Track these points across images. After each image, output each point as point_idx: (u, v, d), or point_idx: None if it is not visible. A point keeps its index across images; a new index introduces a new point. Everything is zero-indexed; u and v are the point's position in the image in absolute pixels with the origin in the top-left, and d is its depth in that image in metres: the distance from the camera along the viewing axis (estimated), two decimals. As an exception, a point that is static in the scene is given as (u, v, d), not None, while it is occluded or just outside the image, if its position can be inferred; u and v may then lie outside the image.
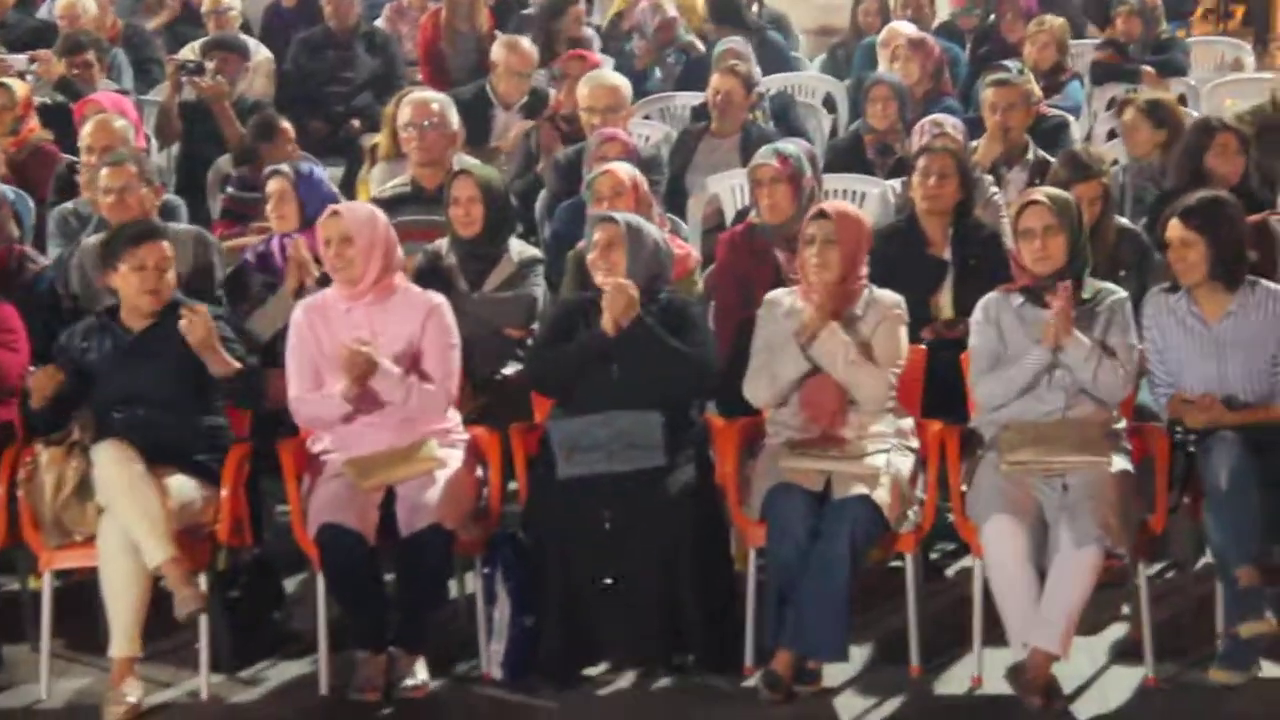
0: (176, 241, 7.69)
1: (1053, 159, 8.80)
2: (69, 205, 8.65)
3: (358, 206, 7.71)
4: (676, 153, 9.90)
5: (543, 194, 9.36)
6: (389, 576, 7.09)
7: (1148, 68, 11.42)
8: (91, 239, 8.08)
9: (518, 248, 8.14)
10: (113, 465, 6.76)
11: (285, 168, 8.36)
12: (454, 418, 7.27)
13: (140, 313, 7.11)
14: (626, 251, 7.18)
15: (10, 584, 7.43)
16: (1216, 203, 7.16)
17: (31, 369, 7.07)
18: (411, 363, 7.18)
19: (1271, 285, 7.11)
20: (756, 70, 10.50)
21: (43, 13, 13.42)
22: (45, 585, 6.98)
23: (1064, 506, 6.59)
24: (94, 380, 7.20)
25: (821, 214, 7.11)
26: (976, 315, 7.01)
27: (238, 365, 7.05)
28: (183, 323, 6.88)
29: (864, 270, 7.14)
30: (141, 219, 7.77)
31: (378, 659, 6.88)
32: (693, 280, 8.06)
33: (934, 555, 7.57)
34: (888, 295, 7.16)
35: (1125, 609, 7.09)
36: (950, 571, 7.63)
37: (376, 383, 7.08)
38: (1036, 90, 9.83)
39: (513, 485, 7.25)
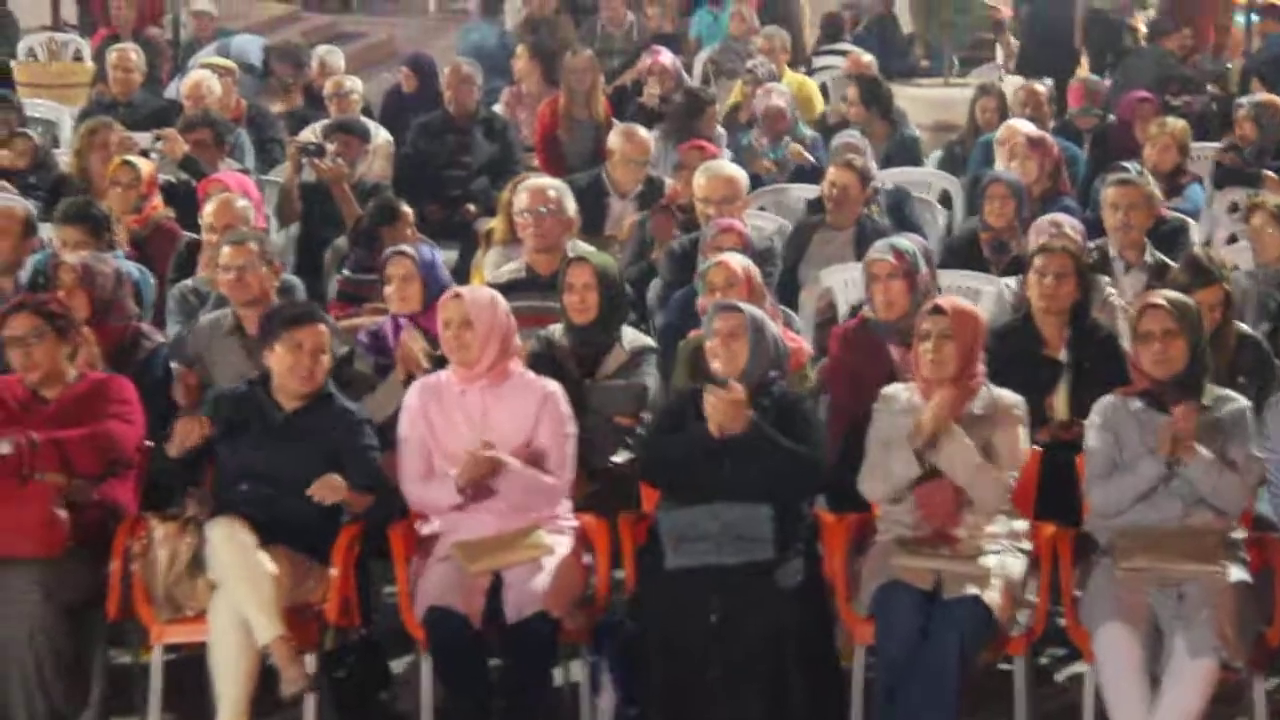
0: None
1: (1171, 262, 8.67)
2: (188, 283, 8.72)
3: (479, 290, 7.69)
4: (790, 245, 9.84)
5: (655, 283, 9.32)
6: (494, 661, 6.99)
7: (1270, 173, 11.25)
8: (208, 317, 8.15)
9: (630, 336, 8.10)
10: (226, 542, 6.76)
11: (410, 249, 8.37)
12: (564, 504, 7.21)
13: (291, 393, 7.15)
14: (747, 342, 7.09)
15: (121, 657, 7.38)
16: None
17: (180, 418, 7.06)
18: (524, 449, 7.12)
19: None
20: (873, 164, 10.45)
21: (169, 92, 13.63)
22: (155, 659, 6.93)
23: (1179, 616, 6.46)
24: (233, 448, 7.18)
25: (937, 309, 7.04)
26: (1094, 418, 6.92)
27: (367, 501, 7.06)
28: (315, 490, 6.87)
29: (980, 367, 7.07)
30: (300, 301, 7.90)
31: None
32: (805, 374, 7.99)
33: (1044, 660, 7.41)
34: (1008, 395, 7.09)
35: (1244, 721, 6.99)
36: (1060, 677, 7.48)
37: (501, 479, 7.05)
38: (1157, 192, 9.73)
39: (620, 574, 7.15)
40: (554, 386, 7.23)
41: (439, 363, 7.54)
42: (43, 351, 7.12)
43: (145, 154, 10.42)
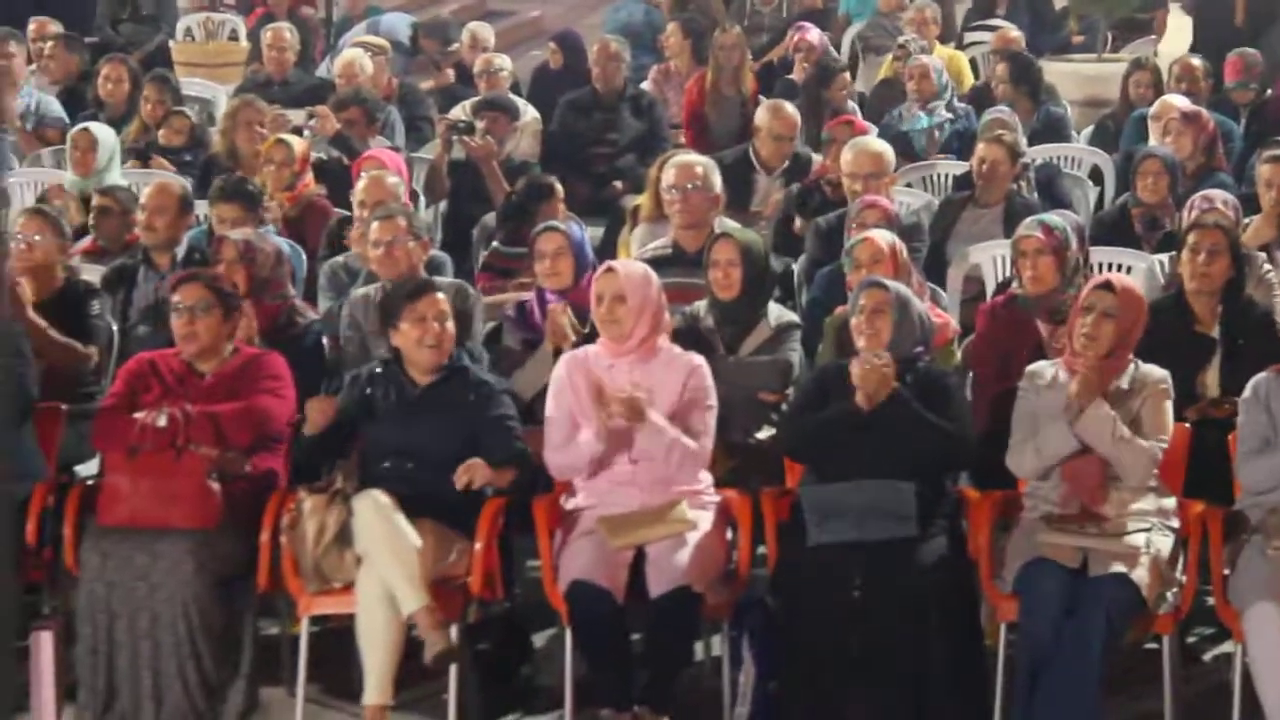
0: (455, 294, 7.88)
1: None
2: (339, 259, 8.82)
3: (633, 265, 7.75)
4: (938, 221, 9.82)
5: (802, 259, 9.32)
6: (636, 635, 7.03)
7: None
8: (360, 291, 8.25)
9: (776, 312, 8.11)
10: (373, 515, 6.85)
11: (562, 225, 8.43)
12: (706, 479, 7.28)
13: (424, 367, 7.24)
14: (892, 319, 7.11)
15: (270, 628, 7.50)
16: None
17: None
18: (670, 419, 7.19)
19: None
20: (1023, 140, 10.41)
21: (322, 70, 13.83)
22: (303, 630, 7.05)
23: (1334, 594, 6.48)
24: (371, 426, 7.31)
25: (1106, 285, 7.03)
26: (1246, 395, 6.90)
27: (510, 474, 7.12)
28: (460, 481, 6.95)
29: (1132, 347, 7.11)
30: (412, 275, 7.93)
31: (623, 717, 6.84)
32: (951, 350, 8.03)
33: (1192, 639, 7.35)
34: (1154, 370, 7.04)
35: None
36: (1208, 657, 7.41)
37: (643, 434, 7.08)
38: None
39: (762, 549, 7.18)
40: (699, 360, 7.27)
41: (587, 338, 7.60)
42: (206, 325, 7.26)
43: (299, 131, 10.59)
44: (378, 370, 7.49)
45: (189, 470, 7.03)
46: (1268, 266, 8.31)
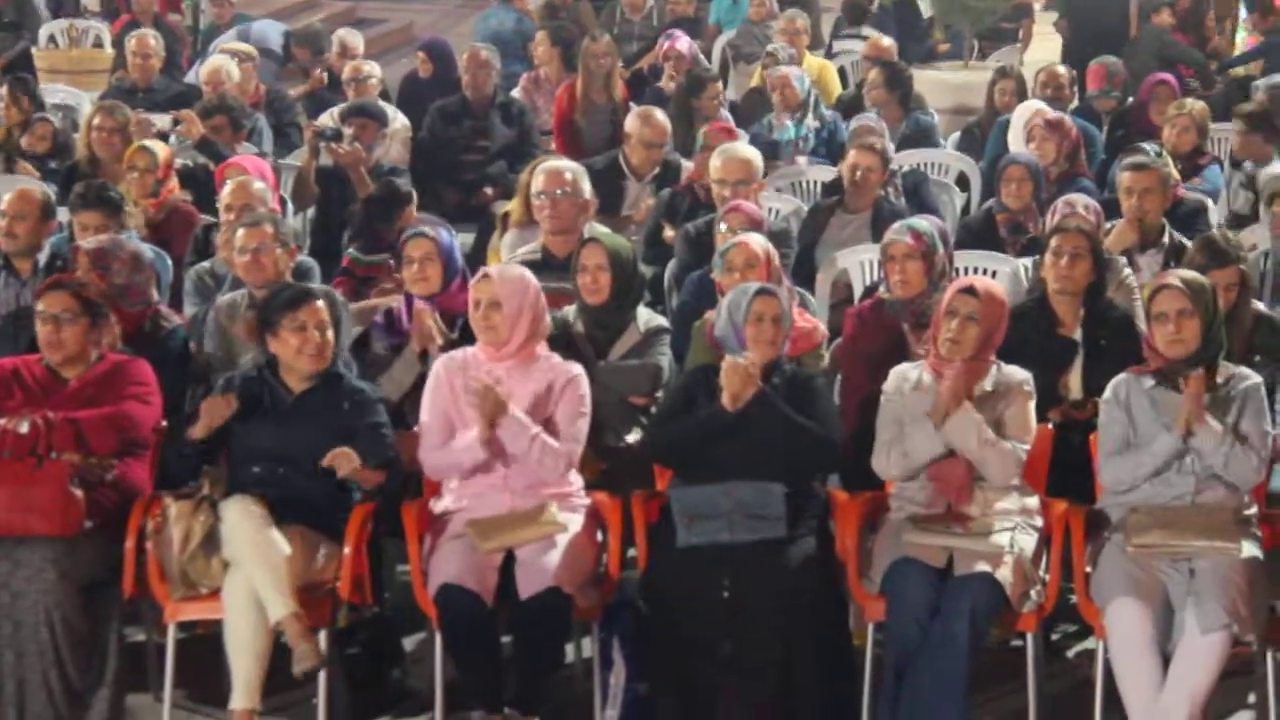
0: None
1: (1189, 243, 8.71)
2: (205, 265, 8.78)
3: (510, 270, 7.75)
4: (807, 226, 9.91)
5: (671, 263, 9.40)
6: (506, 638, 7.07)
7: None
8: (225, 297, 8.22)
9: (645, 317, 8.17)
10: (241, 520, 6.85)
11: (430, 231, 8.42)
12: (576, 482, 7.27)
13: (301, 374, 7.24)
14: (783, 329, 7.23)
15: (136, 634, 7.48)
16: None
17: (210, 398, 7.15)
18: (542, 425, 7.22)
19: None
20: (890, 147, 10.54)
21: (189, 77, 13.80)
22: (170, 636, 7.03)
23: (1191, 591, 6.52)
24: (243, 430, 7.28)
25: (970, 290, 7.12)
26: (1107, 396, 6.99)
27: (380, 477, 7.14)
28: (328, 461, 6.95)
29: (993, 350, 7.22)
30: (279, 282, 7.92)
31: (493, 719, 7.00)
32: (819, 354, 8.07)
33: (1055, 636, 7.50)
34: (1017, 372, 7.15)
35: (1251, 698, 6.99)
36: (1071, 653, 7.56)
37: (504, 429, 7.08)
38: (1174, 173, 9.79)
39: (632, 552, 7.24)
40: (579, 370, 7.30)
41: (454, 343, 7.64)
42: (72, 333, 7.22)
43: (164, 137, 10.55)
44: (251, 375, 7.46)
45: (51, 477, 6.96)
46: (1128, 270, 8.43)
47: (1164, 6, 15.74)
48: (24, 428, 7.00)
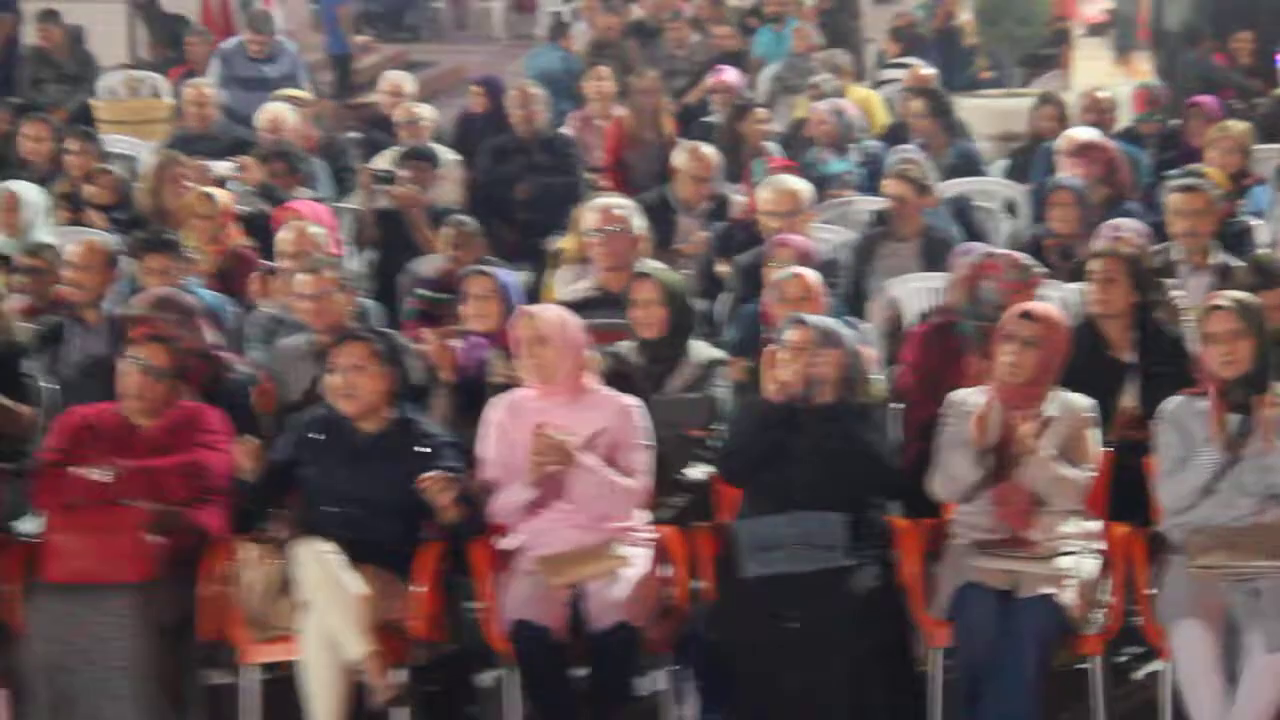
0: (396, 344, 7.90)
1: (1238, 263, 8.72)
2: (268, 309, 8.79)
3: (549, 309, 7.74)
4: (857, 256, 9.87)
5: (724, 296, 9.37)
6: (579, 672, 7.06)
7: None
8: (288, 341, 8.26)
9: (699, 350, 8.12)
10: (313, 563, 6.84)
11: (488, 269, 8.46)
12: (641, 517, 7.25)
13: (370, 417, 7.24)
14: (820, 353, 7.13)
15: (217, 677, 7.41)
16: None
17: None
18: (605, 459, 7.21)
19: None
20: (929, 174, 10.50)
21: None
22: (249, 678, 7.04)
23: (1255, 612, 6.48)
24: (314, 472, 7.29)
25: (1027, 314, 7.08)
26: (1161, 418, 6.93)
27: (460, 515, 7.09)
28: (426, 487, 6.93)
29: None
30: (340, 325, 7.94)
31: None
32: (874, 381, 7.97)
33: (1121, 658, 7.38)
34: (1079, 399, 7.11)
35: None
36: (1137, 675, 7.46)
37: (577, 477, 7.09)
38: (1220, 195, 9.75)
39: (699, 584, 7.20)
40: (632, 400, 7.27)
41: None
42: (160, 388, 7.28)
43: (223, 184, 10.58)
44: (324, 414, 7.45)
45: (128, 525, 6.96)
46: (1178, 292, 8.40)
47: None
48: (100, 476, 7.01)
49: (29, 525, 7.33)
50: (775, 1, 18.90)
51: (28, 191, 10.60)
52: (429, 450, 7.25)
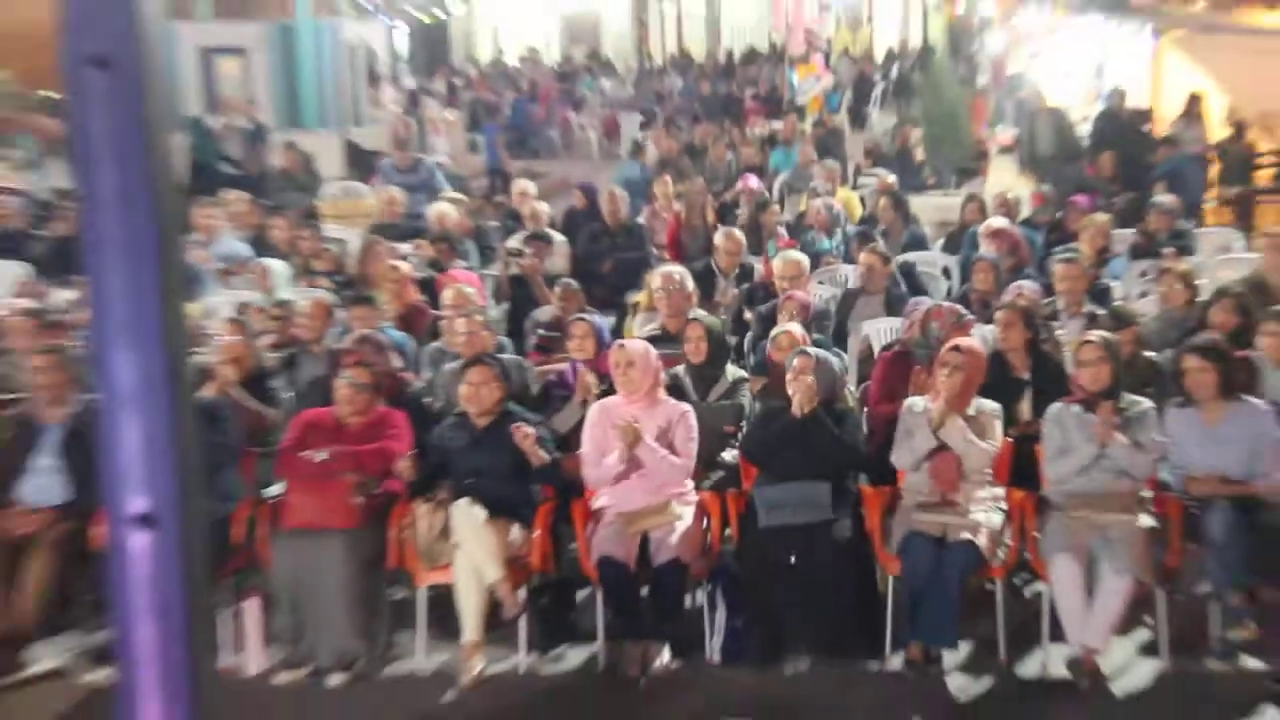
0: (509, 366, 8.05)
1: (1101, 311, 8.83)
2: (436, 344, 8.95)
3: (634, 342, 7.87)
4: (841, 306, 9.94)
5: (748, 334, 9.45)
6: (645, 591, 7.17)
7: (1169, 249, 11.31)
8: (448, 366, 8.38)
9: (731, 371, 8.21)
10: (464, 515, 7.04)
11: (586, 316, 8.61)
12: (689, 485, 7.38)
13: (478, 414, 7.41)
14: (815, 374, 7.25)
15: (400, 593, 7.66)
16: (1217, 344, 7.22)
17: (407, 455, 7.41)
18: (666, 447, 7.33)
19: (1253, 400, 7.15)
20: (888, 251, 10.63)
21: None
22: (421, 594, 7.26)
23: (1107, 550, 6.67)
24: (454, 456, 7.44)
25: (956, 347, 7.24)
26: (1047, 418, 7.13)
27: (547, 459, 7.30)
28: (516, 433, 7.15)
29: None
30: (480, 352, 8.06)
31: (638, 647, 6.98)
32: (850, 394, 8.07)
33: (1017, 581, 7.51)
34: (989, 403, 7.25)
35: (1149, 620, 7.07)
36: (1028, 593, 7.52)
37: (641, 451, 7.21)
38: (1088, 265, 9.81)
39: (728, 532, 7.32)
40: (687, 407, 7.49)
41: (605, 393, 7.74)
42: (363, 398, 7.51)
43: (405, 258, 10.71)
44: (454, 419, 7.62)
45: (340, 490, 7.20)
46: (1061, 331, 8.61)
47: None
48: (324, 457, 7.27)
49: (274, 490, 7.52)
50: (787, 130, 19.08)
51: (275, 264, 10.81)
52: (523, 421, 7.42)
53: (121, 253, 1.64)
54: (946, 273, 11.62)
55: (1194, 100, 17.84)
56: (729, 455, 7.88)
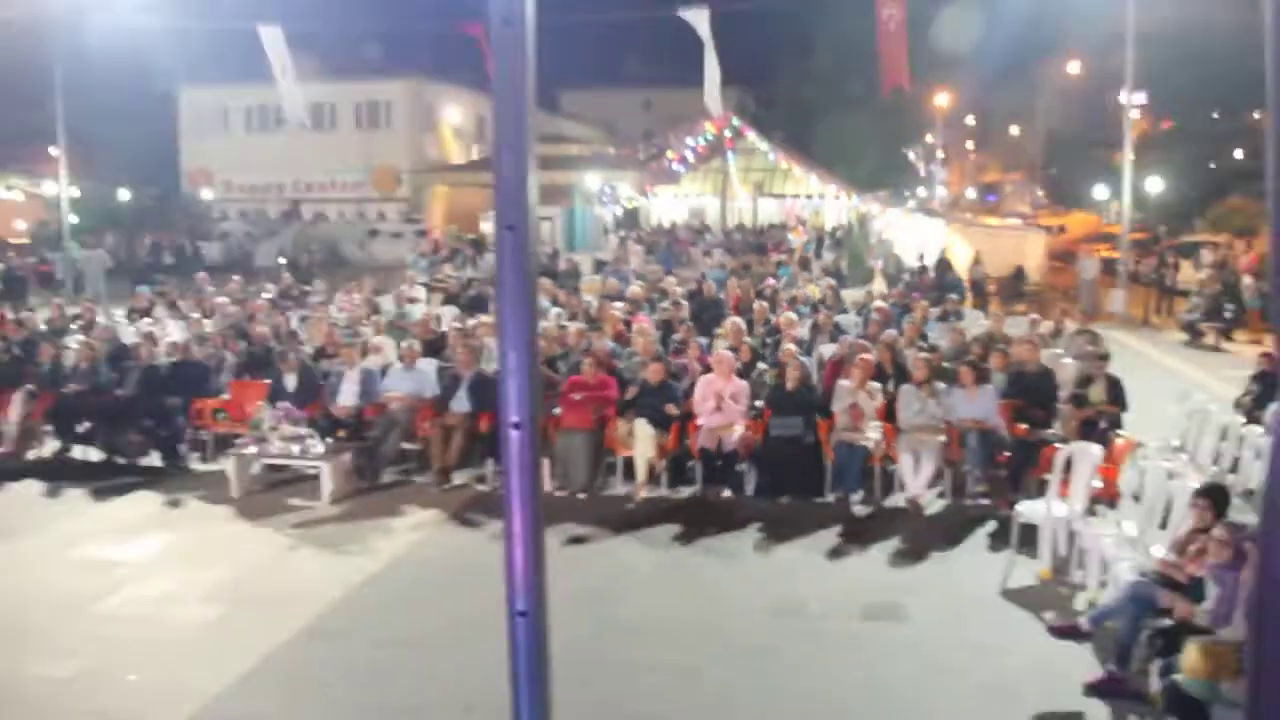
0: (665, 360, 8.68)
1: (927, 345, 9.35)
2: (631, 348, 9.58)
3: (724, 351, 8.71)
4: (810, 338, 10.64)
5: (768, 351, 9.88)
6: (719, 463, 7.96)
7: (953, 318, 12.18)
8: (637, 359, 9.08)
9: (761, 366, 9.13)
10: (640, 425, 8.12)
11: (697, 339, 9.47)
12: (741, 417, 8.24)
13: (654, 380, 8.06)
14: (799, 368, 8.35)
15: (609, 458, 8.24)
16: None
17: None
18: (734, 398, 8.23)
19: None
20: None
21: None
22: (619, 460, 8.12)
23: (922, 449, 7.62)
24: (639, 400, 8.15)
25: (863, 358, 8.13)
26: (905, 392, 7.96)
27: (676, 412, 7.91)
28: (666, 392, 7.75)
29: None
30: (655, 354, 8.62)
31: (714, 488, 7.97)
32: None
33: (892, 467, 8.20)
34: (874, 384, 8.23)
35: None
36: (890, 468, 8.19)
37: (724, 403, 8.10)
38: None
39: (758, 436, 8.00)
40: (743, 382, 8.42)
41: (705, 370, 8.59)
42: (597, 371, 8.49)
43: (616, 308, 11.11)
44: (641, 380, 8.35)
45: (586, 410, 8.30)
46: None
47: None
48: (577, 396, 8.21)
49: (556, 410, 8.41)
50: (787, 259, 20.37)
51: (555, 310, 11.51)
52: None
53: (511, 274, 1.66)
54: (857, 324, 12.00)
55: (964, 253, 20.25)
56: (758, 404, 8.58)
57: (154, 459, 9.27)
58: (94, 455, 9.33)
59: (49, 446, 9.48)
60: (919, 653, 5.35)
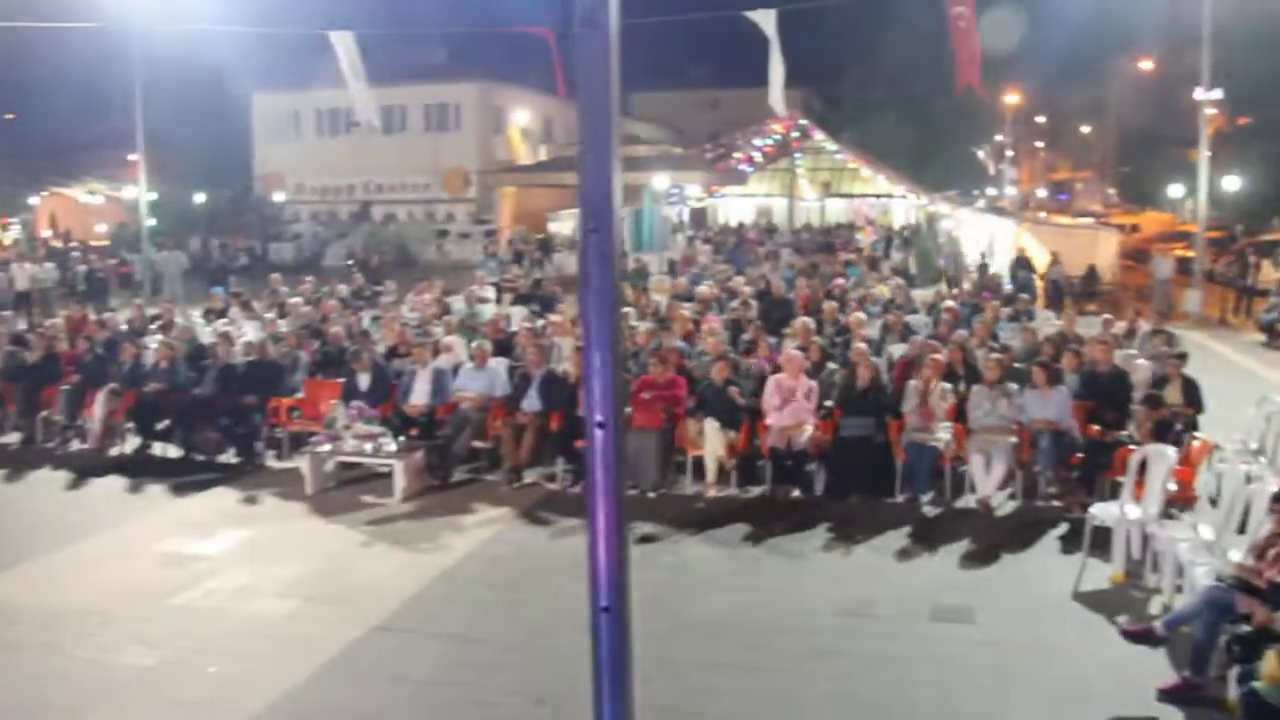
0: (733, 358, 8.69)
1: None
2: (701, 348, 9.61)
3: (793, 351, 8.71)
4: (880, 338, 10.64)
5: (838, 349, 9.92)
6: (789, 463, 7.96)
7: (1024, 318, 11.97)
8: (706, 358, 9.13)
9: (830, 366, 9.06)
10: (710, 425, 8.21)
11: (767, 338, 9.57)
12: (811, 417, 8.24)
13: (721, 379, 8.04)
14: (869, 368, 8.30)
15: (679, 458, 8.29)
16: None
17: None
18: (805, 397, 8.27)
19: None
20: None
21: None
22: (689, 459, 8.14)
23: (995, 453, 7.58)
24: (707, 400, 8.21)
25: (933, 359, 8.05)
26: (974, 393, 7.95)
27: (743, 401, 7.85)
28: (731, 390, 7.81)
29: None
30: (724, 351, 8.60)
31: (782, 487, 7.98)
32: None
33: (962, 468, 8.17)
34: (944, 384, 8.14)
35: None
36: (961, 469, 8.13)
37: (795, 400, 8.11)
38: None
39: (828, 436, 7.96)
40: (813, 382, 8.42)
41: (775, 369, 8.57)
42: (666, 370, 8.49)
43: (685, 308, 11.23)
44: (706, 381, 8.32)
45: (656, 410, 8.30)
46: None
47: None
48: (647, 395, 8.26)
49: (627, 410, 7.93)
50: (855, 258, 20.40)
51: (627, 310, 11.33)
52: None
53: (595, 268, 1.65)
54: (927, 324, 11.91)
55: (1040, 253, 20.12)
56: (828, 403, 8.63)
57: (231, 456, 9.50)
58: (173, 452, 9.60)
59: (130, 443, 9.78)
60: (989, 654, 5.34)
